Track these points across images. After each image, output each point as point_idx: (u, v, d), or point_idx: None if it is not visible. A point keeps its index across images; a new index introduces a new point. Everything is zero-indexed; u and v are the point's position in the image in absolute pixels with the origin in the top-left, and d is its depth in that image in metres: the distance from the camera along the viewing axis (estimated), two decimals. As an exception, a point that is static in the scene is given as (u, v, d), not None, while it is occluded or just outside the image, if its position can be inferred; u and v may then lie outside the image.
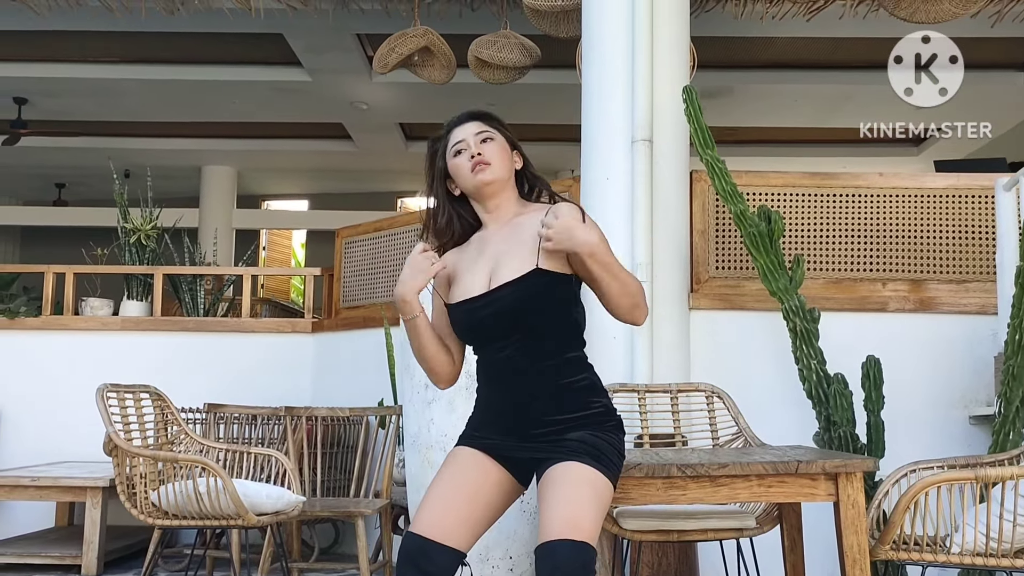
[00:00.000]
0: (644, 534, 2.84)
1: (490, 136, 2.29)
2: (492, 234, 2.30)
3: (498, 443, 2.23)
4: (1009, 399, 3.59)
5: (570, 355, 2.22)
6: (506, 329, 2.19)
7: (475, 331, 2.25)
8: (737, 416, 3.28)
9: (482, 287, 2.22)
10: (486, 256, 2.26)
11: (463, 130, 2.31)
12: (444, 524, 2.13)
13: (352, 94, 9.35)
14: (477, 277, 2.24)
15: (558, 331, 2.21)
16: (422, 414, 3.92)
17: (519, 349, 2.19)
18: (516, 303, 2.16)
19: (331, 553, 5.38)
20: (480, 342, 2.26)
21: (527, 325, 2.18)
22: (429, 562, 2.10)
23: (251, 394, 5.33)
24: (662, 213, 4.25)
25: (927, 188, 4.52)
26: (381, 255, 5.69)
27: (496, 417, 2.24)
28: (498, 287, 2.19)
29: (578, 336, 2.26)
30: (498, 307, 2.18)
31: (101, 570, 4.79)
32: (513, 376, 2.19)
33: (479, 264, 2.26)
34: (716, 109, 9.06)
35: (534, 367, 2.18)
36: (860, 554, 2.37)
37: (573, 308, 2.24)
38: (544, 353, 2.19)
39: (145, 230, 6.15)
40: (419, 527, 2.13)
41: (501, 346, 2.21)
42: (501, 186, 2.29)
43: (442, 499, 2.16)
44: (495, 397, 2.25)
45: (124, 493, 3.32)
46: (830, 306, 4.20)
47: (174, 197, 10.51)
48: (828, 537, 2.70)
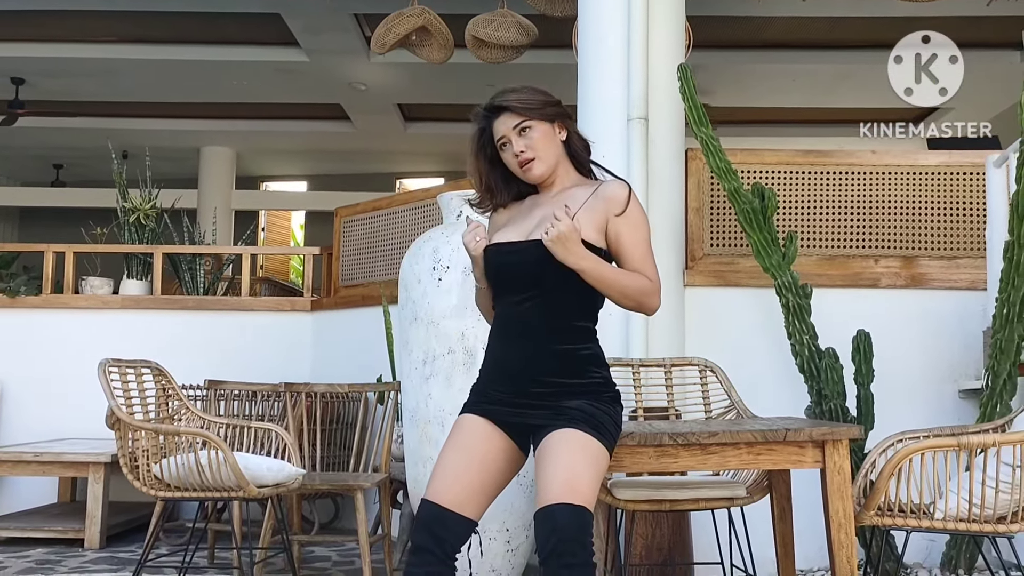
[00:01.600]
0: (637, 503, 2.90)
1: (527, 125, 2.31)
2: (545, 198, 2.37)
3: (499, 408, 2.28)
4: (997, 372, 3.65)
5: (580, 324, 2.29)
6: (526, 281, 2.26)
7: (498, 274, 2.32)
8: (730, 390, 3.34)
9: (520, 237, 2.30)
10: (533, 216, 2.33)
11: (501, 124, 2.33)
12: (457, 493, 2.19)
13: (350, 74, 9.35)
14: (519, 229, 2.32)
15: (574, 298, 2.27)
16: (420, 389, 3.97)
17: (534, 306, 2.25)
18: (542, 257, 2.22)
19: (331, 528, 5.45)
20: (501, 288, 2.33)
21: (546, 282, 2.24)
22: (445, 529, 2.16)
23: (251, 372, 5.38)
24: (658, 191, 4.29)
25: (919, 165, 4.56)
26: (379, 234, 5.73)
27: (501, 372, 2.29)
28: (529, 240, 2.26)
29: (592, 310, 2.33)
30: (523, 257, 2.26)
31: (103, 544, 4.86)
32: (523, 330, 2.25)
33: (525, 221, 2.34)
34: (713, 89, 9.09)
35: (545, 326, 2.24)
36: (845, 519, 2.43)
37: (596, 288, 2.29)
38: (556, 315, 2.25)
39: (144, 209, 6.19)
40: (434, 495, 2.19)
41: (519, 299, 2.27)
42: (552, 170, 2.35)
43: (453, 467, 2.23)
44: (502, 351, 2.30)
45: (127, 466, 3.38)
46: (823, 282, 4.25)
47: (173, 178, 10.54)
48: (818, 507, 2.75)
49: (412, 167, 13.66)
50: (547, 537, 2.04)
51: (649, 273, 2.28)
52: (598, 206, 2.27)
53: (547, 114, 2.33)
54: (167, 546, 4.86)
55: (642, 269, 2.27)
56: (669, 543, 3.76)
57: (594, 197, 2.29)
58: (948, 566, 3.81)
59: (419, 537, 2.17)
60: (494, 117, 2.34)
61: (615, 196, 2.28)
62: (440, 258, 3.94)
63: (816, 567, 4.06)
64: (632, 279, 2.25)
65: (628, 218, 2.27)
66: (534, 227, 2.29)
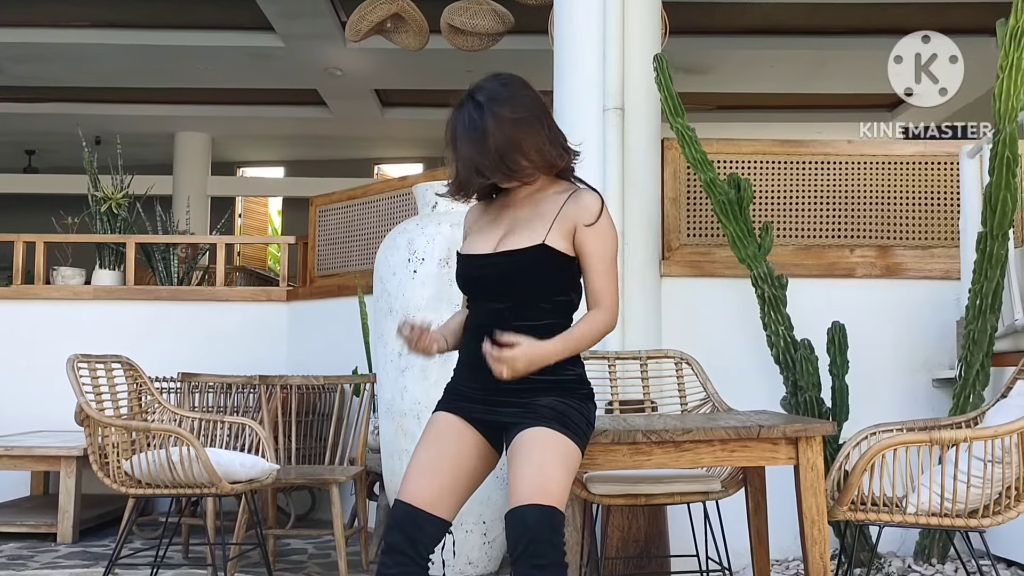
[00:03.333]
0: (613, 498, 2.89)
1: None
2: (515, 201, 2.32)
3: (473, 405, 2.26)
4: (970, 363, 3.67)
5: (554, 322, 2.26)
6: (497, 292, 2.25)
7: (469, 286, 2.33)
8: (705, 382, 3.33)
9: (488, 249, 2.26)
10: (502, 221, 2.30)
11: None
12: (431, 493, 2.18)
13: (326, 60, 9.27)
14: (488, 238, 2.29)
15: (548, 303, 2.25)
16: (396, 382, 3.95)
17: (506, 309, 2.23)
18: (510, 271, 2.21)
19: (307, 520, 5.43)
20: (473, 296, 2.33)
21: (516, 292, 2.23)
22: (419, 530, 2.15)
23: (225, 363, 5.34)
24: (634, 181, 4.27)
25: (894, 155, 4.56)
26: (356, 223, 5.69)
27: (473, 370, 2.27)
28: (499, 252, 2.24)
29: (568, 309, 2.30)
30: (492, 271, 2.24)
31: (76, 538, 4.81)
32: (497, 327, 2.22)
33: (494, 227, 2.30)
34: (694, 79, 9.08)
35: (519, 325, 2.21)
36: (818, 515, 2.43)
37: (569, 290, 2.28)
38: (529, 317, 2.23)
39: (116, 198, 6.11)
40: (407, 495, 2.17)
41: (492, 304, 2.25)
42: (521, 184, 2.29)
43: (427, 467, 2.21)
44: (475, 347, 2.27)
45: (97, 463, 3.34)
46: (799, 272, 4.25)
47: (147, 164, 10.44)
48: (792, 499, 2.76)
49: (390, 152, 13.59)
50: (518, 538, 2.03)
51: (606, 298, 2.24)
52: (568, 213, 2.24)
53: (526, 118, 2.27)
54: (140, 540, 4.83)
55: (601, 289, 2.23)
56: (645, 535, 3.76)
57: (565, 205, 2.26)
58: (921, 555, 3.84)
59: (392, 537, 2.16)
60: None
61: (587, 206, 2.24)
62: (415, 250, 3.91)
63: (791, 557, 4.08)
64: (590, 328, 2.23)
65: (597, 231, 2.23)
66: (503, 235, 2.27)
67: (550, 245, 2.20)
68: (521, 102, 2.22)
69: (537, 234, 2.22)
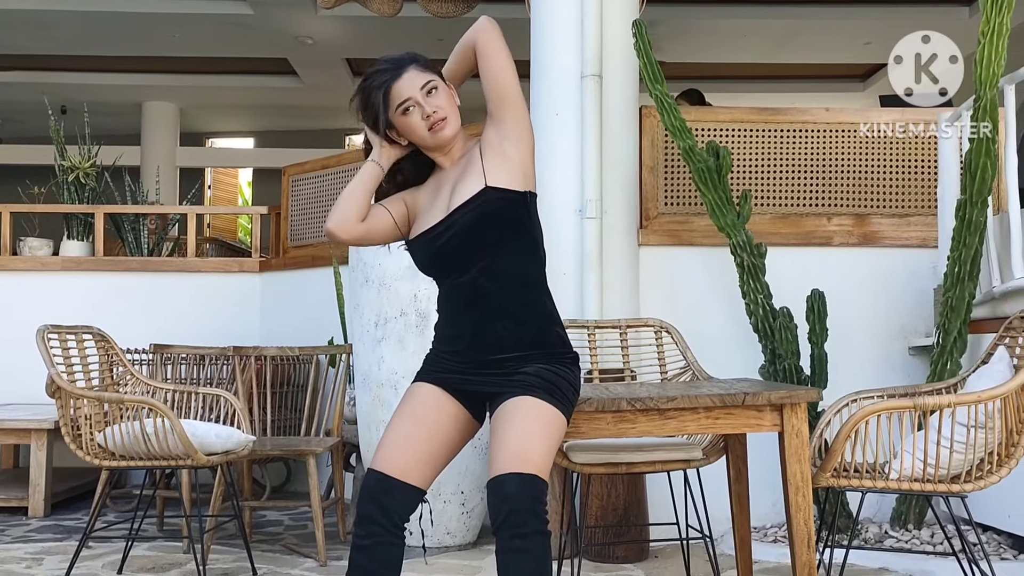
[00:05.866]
0: (593, 467, 2.88)
1: (434, 85, 2.21)
2: (447, 171, 2.27)
3: (453, 376, 2.22)
4: (947, 330, 3.68)
5: (530, 280, 2.21)
6: (466, 252, 2.17)
7: (436, 259, 2.22)
8: (685, 350, 3.31)
9: (440, 216, 2.20)
10: (443, 191, 2.24)
11: (404, 85, 2.19)
12: (404, 461, 2.13)
13: (296, 28, 9.13)
14: (436, 211, 2.22)
15: (516, 247, 2.19)
16: (372, 352, 3.91)
17: (480, 272, 2.17)
18: (472, 221, 2.14)
19: (283, 491, 5.39)
20: (442, 272, 2.24)
21: (484, 243, 2.16)
22: (390, 499, 2.10)
23: (198, 334, 5.27)
24: (611, 149, 4.24)
25: (872, 123, 4.55)
26: (329, 193, 5.61)
27: (453, 340, 2.22)
28: (452, 211, 2.18)
29: (538, 262, 2.24)
30: (455, 229, 2.16)
31: (48, 512, 4.75)
32: (474, 297, 2.17)
33: (438, 199, 2.24)
34: (668, 47, 9.03)
35: (495, 290, 2.16)
36: (803, 482, 2.43)
37: (529, 225, 2.22)
38: (505, 274, 2.17)
39: (84, 168, 6.00)
40: (380, 464, 2.13)
41: (462, 274, 2.19)
42: (456, 132, 2.24)
43: (402, 436, 2.16)
44: (454, 320, 2.22)
45: (69, 435, 3.27)
46: (777, 241, 4.25)
47: (114, 134, 10.25)
48: (772, 466, 2.76)
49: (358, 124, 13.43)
50: (499, 507, 1.99)
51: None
52: (493, 144, 2.21)
53: (440, 72, 2.25)
54: (114, 513, 4.78)
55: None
56: (625, 503, 3.76)
57: (482, 143, 2.22)
58: (898, 521, 3.87)
59: (365, 508, 2.11)
60: (394, 80, 2.20)
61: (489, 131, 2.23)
62: (391, 218, 3.86)
63: (768, 524, 4.10)
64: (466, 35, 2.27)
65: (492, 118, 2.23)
66: (449, 198, 2.20)
67: (493, 185, 2.15)
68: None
69: (478, 182, 2.16)
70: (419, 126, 2.20)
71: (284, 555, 3.91)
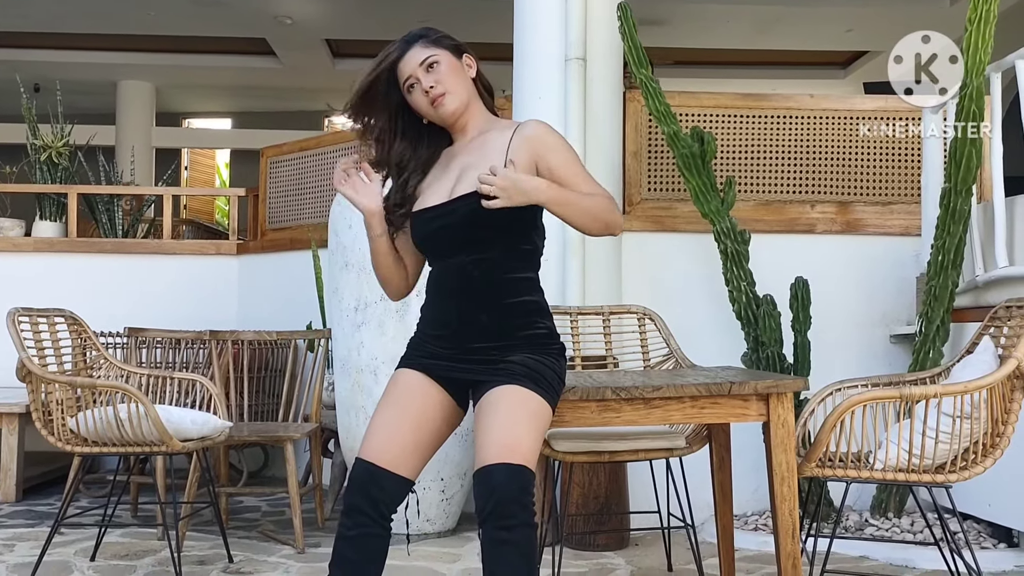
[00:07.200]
0: (576, 455, 2.85)
1: (435, 59, 2.18)
2: (460, 148, 2.23)
3: (439, 362, 2.18)
4: (930, 318, 3.67)
5: (521, 275, 2.18)
6: (457, 242, 2.15)
7: (427, 240, 2.21)
8: (668, 338, 3.29)
9: (442, 199, 2.17)
10: (452, 170, 2.21)
11: (407, 63, 2.18)
12: (393, 451, 2.09)
13: (276, 7, 9.01)
14: (440, 190, 2.19)
15: (510, 249, 2.16)
16: (351, 337, 3.86)
17: (472, 262, 2.14)
18: (469, 215, 2.11)
19: (260, 477, 5.34)
20: (433, 253, 2.22)
21: (481, 240, 2.13)
22: (380, 490, 2.06)
23: (173, 318, 5.19)
24: (595, 134, 4.19)
25: (856, 110, 4.53)
26: (308, 175, 5.54)
27: (439, 326, 2.19)
28: (454, 199, 2.14)
29: (532, 258, 2.21)
30: (451, 219, 2.14)
31: (20, 497, 4.68)
32: (461, 285, 2.14)
33: (444, 177, 2.21)
34: (650, 31, 8.97)
35: (485, 279, 2.13)
36: (788, 472, 2.40)
37: (531, 230, 2.18)
38: (496, 268, 2.14)
39: (56, 147, 5.88)
40: (369, 454, 2.09)
41: (454, 259, 2.16)
42: (465, 106, 2.21)
43: (389, 425, 2.13)
44: (441, 305, 2.19)
45: (40, 420, 3.20)
46: (760, 228, 4.22)
47: (88, 113, 10.10)
48: (754, 455, 2.74)
49: (341, 104, 13.32)
50: (486, 498, 1.96)
51: (601, 191, 2.16)
52: (523, 146, 2.16)
53: (452, 47, 2.21)
54: (87, 499, 4.70)
55: (592, 192, 2.15)
56: (606, 491, 3.74)
57: (515, 139, 2.17)
58: (878, 510, 3.87)
59: (353, 498, 2.07)
60: (400, 58, 2.19)
61: (536, 133, 2.16)
62: (372, 202, 3.80)
63: (749, 512, 4.09)
64: (591, 198, 2.13)
65: (556, 150, 2.16)
66: (455, 182, 2.17)
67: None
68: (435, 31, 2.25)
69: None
70: (422, 102, 2.19)
71: (261, 542, 3.86)
